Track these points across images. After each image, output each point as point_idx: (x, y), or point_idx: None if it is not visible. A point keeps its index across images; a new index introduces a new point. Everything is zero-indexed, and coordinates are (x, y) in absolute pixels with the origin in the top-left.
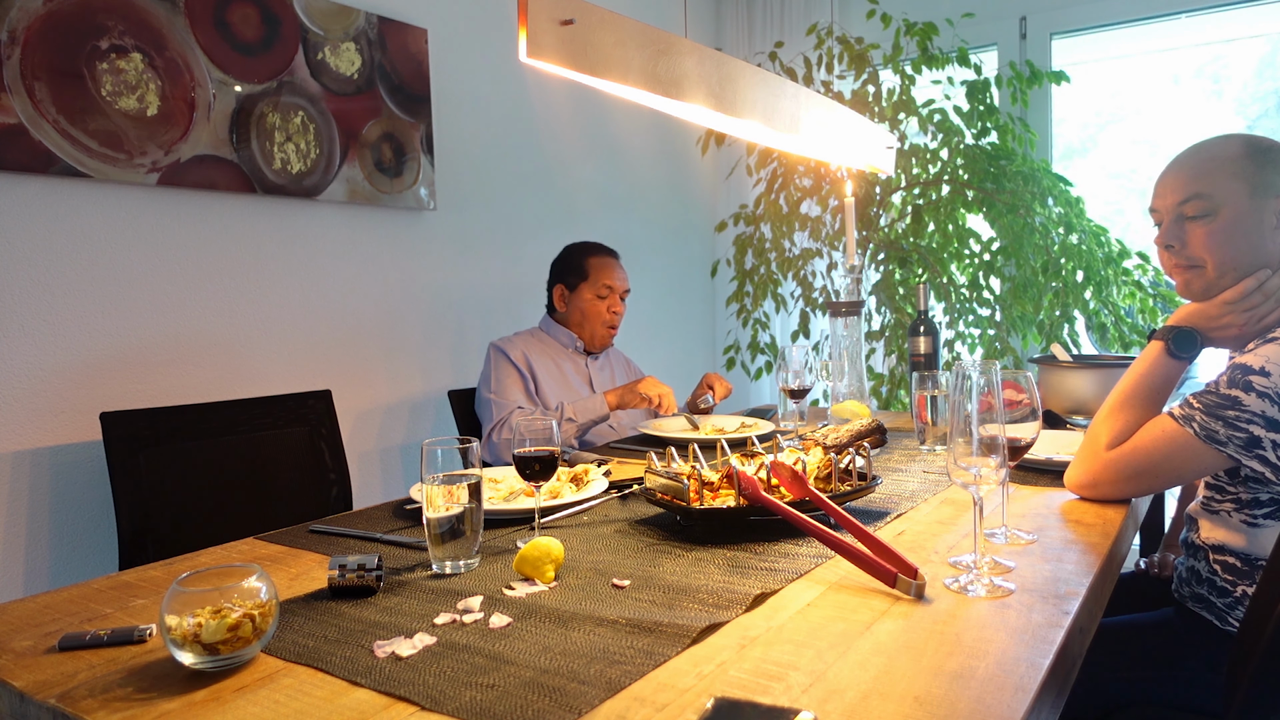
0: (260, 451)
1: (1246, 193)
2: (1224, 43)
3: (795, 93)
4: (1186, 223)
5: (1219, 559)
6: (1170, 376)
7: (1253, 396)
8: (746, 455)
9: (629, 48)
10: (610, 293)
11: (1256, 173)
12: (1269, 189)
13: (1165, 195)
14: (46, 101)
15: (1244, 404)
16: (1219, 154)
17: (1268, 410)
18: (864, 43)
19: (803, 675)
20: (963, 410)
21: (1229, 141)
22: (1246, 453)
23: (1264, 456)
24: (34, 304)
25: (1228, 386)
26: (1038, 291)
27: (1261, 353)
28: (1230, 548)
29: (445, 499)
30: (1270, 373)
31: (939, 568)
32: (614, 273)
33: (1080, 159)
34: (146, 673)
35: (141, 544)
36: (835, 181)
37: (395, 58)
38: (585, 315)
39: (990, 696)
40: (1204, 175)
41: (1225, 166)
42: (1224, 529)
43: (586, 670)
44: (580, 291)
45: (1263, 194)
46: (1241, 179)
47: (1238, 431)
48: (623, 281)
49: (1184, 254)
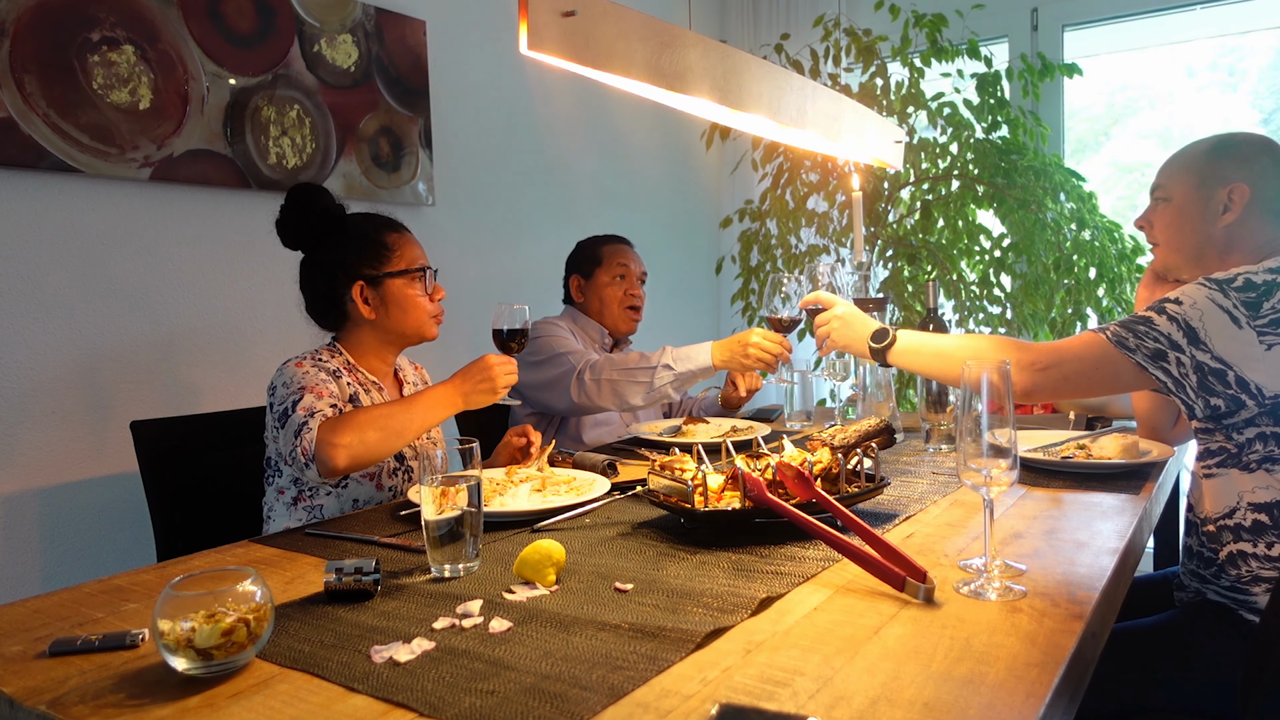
0: None
1: (1194, 183)
2: (1240, 34)
3: (802, 86)
4: (1154, 207)
5: (1204, 529)
6: None
7: (1164, 319)
8: (752, 456)
9: (632, 40)
10: (627, 273)
11: (1208, 165)
12: (1217, 180)
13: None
14: (36, 95)
15: (1155, 323)
16: (1188, 150)
17: (1174, 334)
18: (872, 35)
19: (809, 681)
20: (972, 410)
21: (1205, 139)
22: (1152, 363)
23: (1168, 370)
24: (22, 302)
25: (1145, 310)
26: (1049, 289)
27: (1180, 290)
28: (1207, 516)
29: (444, 501)
30: (1183, 302)
31: (949, 571)
32: (629, 256)
33: (1093, 153)
34: (139, 679)
35: None
36: (842, 176)
37: (393, 50)
38: (604, 301)
39: (1001, 703)
40: (1168, 168)
41: (1185, 161)
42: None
43: (588, 676)
44: (597, 277)
45: (1210, 184)
46: (1193, 171)
47: (1145, 342)
48: (638, 265)
49: (1151, 234)
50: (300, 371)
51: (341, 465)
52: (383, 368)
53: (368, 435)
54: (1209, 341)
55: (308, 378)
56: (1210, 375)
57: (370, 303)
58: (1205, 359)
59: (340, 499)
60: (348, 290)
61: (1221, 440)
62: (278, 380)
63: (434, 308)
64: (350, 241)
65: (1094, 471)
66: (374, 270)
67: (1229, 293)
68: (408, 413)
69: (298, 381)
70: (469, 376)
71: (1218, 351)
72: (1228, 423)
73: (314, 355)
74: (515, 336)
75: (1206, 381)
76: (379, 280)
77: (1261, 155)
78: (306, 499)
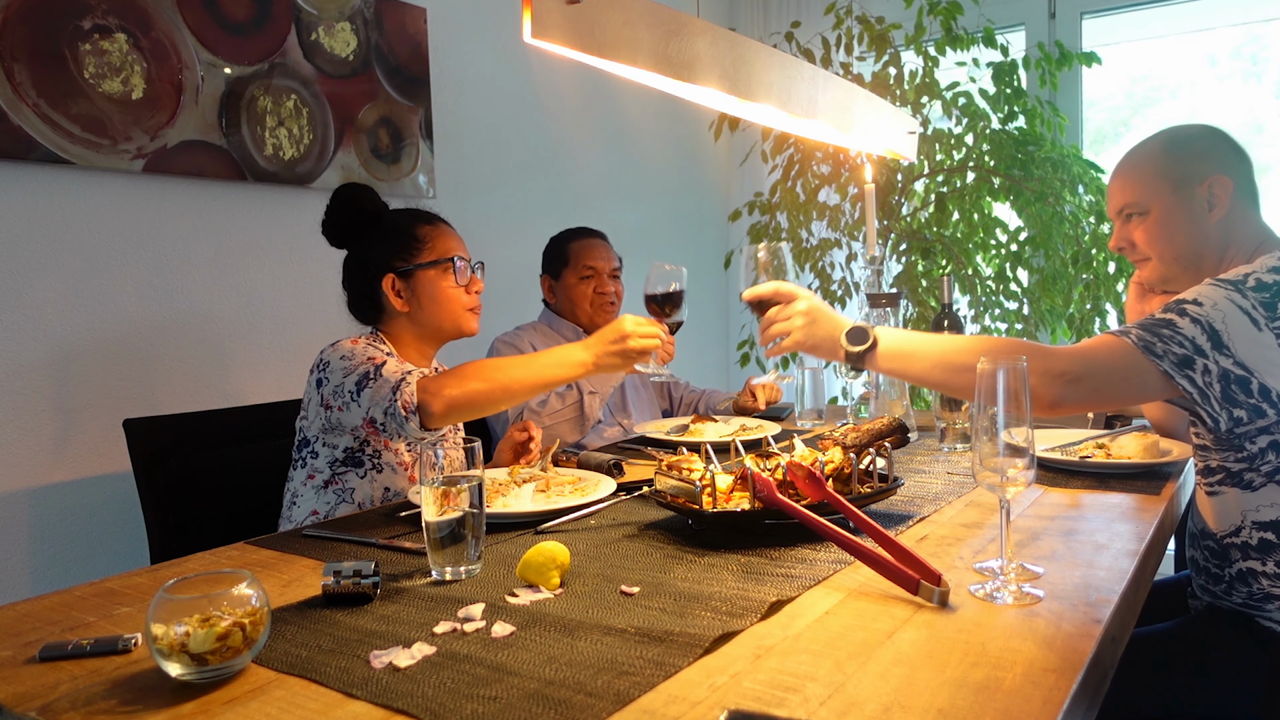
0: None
1: (1169, 189)
2: (1262, 22)
3: (813, 75)
4: (1128, 225)
5: (1205, 543)
6: None
7: (1186, 321)
8: (762, 456)
9: (638, 28)
10: (594, 273)
11: (1174, 167)
12: (1190, 178)
13: (1109, 205)
14: (26, 84)
15: (1178, 326)
16: (1140, 159)
17: (1198, 337)
18: (885, 22)
19: (820, 687)
20: (988, 409)
21: (1149, 144)
22: (1179, 371)
23: (1192, 378)
24: (12, 296)
25: (1162, 313)
26: (1067, 284)
27: (1194, 290)
28: (1208, 531)
29: (445, 502)
30: (1203, 303)
31: (964, 574)
32: (595, 252)
33: (1112, 145)
34: (131, 684)
35: None
36: (855, 168)
37: (393, 38)
38: (574, 301)
39: (1017, 710)
40: (1130, 184)
41: (1146, 169)
42: (1199, 509)
43: (594, 682)
44: (564, 278)
45: (1185, 184)
46: (1162, 178)
47: (1172, 347)
48: (607, 260)
49: (1134, 252)
50: (359, 348)
51: (439, 411)
52: (424, 364)
53: (469, 385)
54: (1231, 346)
55: (374, 351)
56: (1234, 384)
57: (403, 295)
58: (1229, 365)
59: (373, 484)
60: (379, 283)
61: (1219, 459)
62: (331, 356)
63: (470, 300)
64: (384, 235)
65: (1113, 471)
66: (404, 262)
67: (1246, 293)
68: (523, 367)
69: (364, 354)
70: (603, 338)
71: (1240, 356)
72: (1239, 432)
73: (366, 338)
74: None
75: (1230, 391)
76: (410, 273)
77: (1219, 142)
78: (338, 482)
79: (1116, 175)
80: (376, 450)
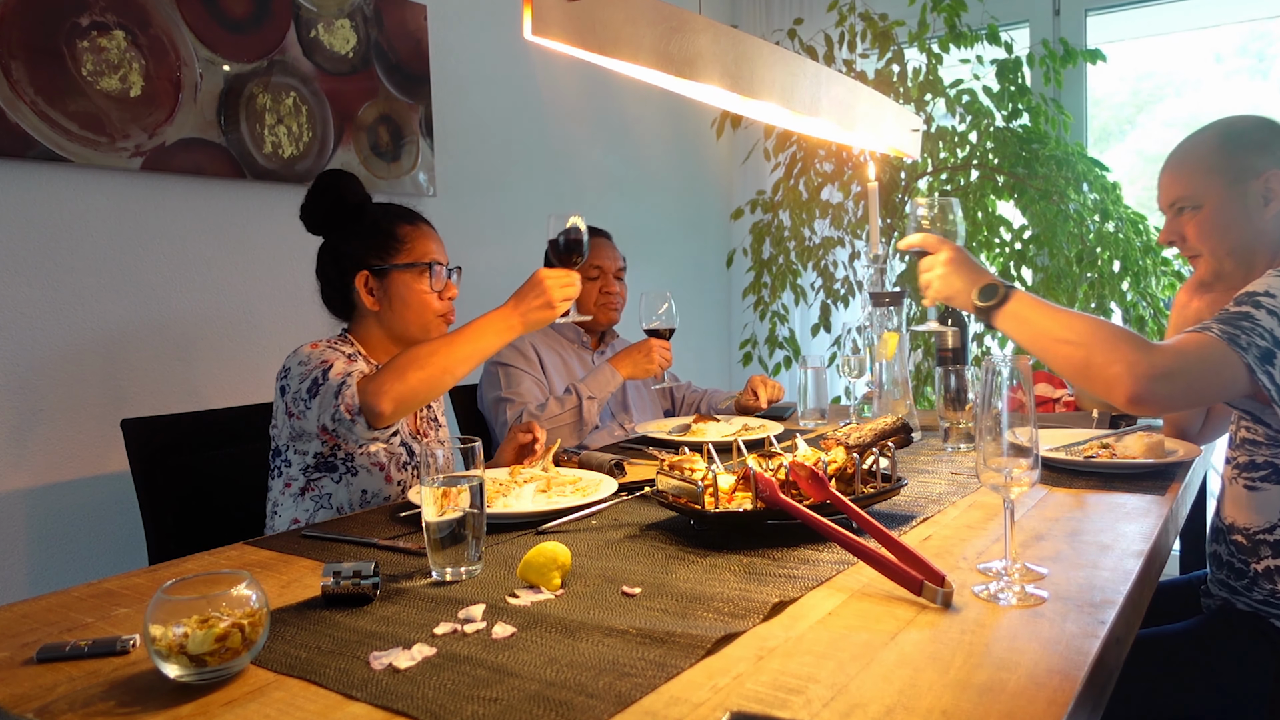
0: None
1: (1223, 183)
2: (1269, 19)
3: (816, 72)
4: (1180, 219)
5: (1233, 538)
6: None
7: (1263, 313)
8: (764, 456)
9: (640, 25)
10: (600, 273)
11: (1229, 161)
12: (1246, 172)
13: (1160, 198)
14: (24, 82)
15: (1257, 319)
16: (1194, 151)
17: (1276, 329)
18: (888, 19)
19: (823, 688)
20: (992, 409)
21: (1204, 135)
22: (1261, 365)
23: (1272, 374)
24: (9, 295)
25: (1236, 305)
26: (1072, 282)
27: (1262, 281)
28: (1238, 526)
29: (445, 502)
30: (1275, 294)
31: (967, 574)
32: (602, 252)
33: (1117, 142)
34: (129, 685)
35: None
36: (858, 166)
37: (393, 36)
38: (579, 300)
39: (1021, 711)
40: (1182, 177)
41: (1201, 163)
42: (1232, 503)
43: (595, 683)
44: None
45: (1240, 179)
46: (1216, 172)
47: (1255, 339)
48: (613, 260)
49: (1186, 246)
50: (316, 351)
51: (388, 410)
52: None
53: (409, 376)
54: None
55: (328, 354)
56: None
57: (375, 294)
58: None
59: (350, 488)
60: (352, 279)
61: (1267, 455)
62: (291, 362)
63: (442, 306)
64: (363, 230)
65: (1118, 471)
66: (380, 261)
67: None
68: (453, 346)
69: (318, 357)
70: (523, 296)
71: None
72: None
73: (327, 341)
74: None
75: None
76: (385, 272)
77: (1276, 135)
78: (314, 488)
79: (1168, 168)
80: (349, 454)
